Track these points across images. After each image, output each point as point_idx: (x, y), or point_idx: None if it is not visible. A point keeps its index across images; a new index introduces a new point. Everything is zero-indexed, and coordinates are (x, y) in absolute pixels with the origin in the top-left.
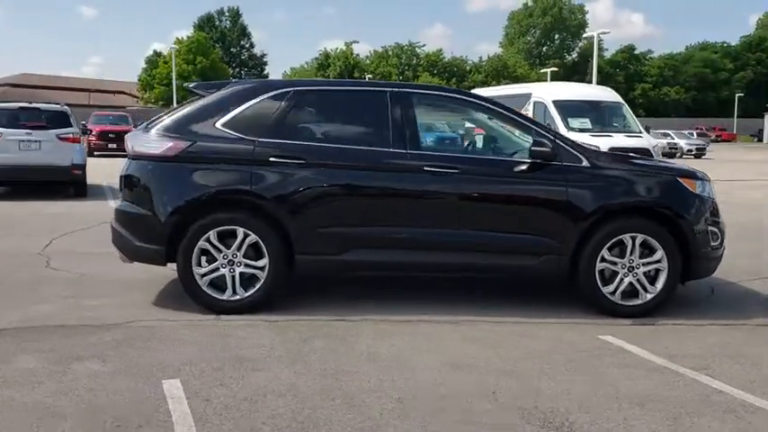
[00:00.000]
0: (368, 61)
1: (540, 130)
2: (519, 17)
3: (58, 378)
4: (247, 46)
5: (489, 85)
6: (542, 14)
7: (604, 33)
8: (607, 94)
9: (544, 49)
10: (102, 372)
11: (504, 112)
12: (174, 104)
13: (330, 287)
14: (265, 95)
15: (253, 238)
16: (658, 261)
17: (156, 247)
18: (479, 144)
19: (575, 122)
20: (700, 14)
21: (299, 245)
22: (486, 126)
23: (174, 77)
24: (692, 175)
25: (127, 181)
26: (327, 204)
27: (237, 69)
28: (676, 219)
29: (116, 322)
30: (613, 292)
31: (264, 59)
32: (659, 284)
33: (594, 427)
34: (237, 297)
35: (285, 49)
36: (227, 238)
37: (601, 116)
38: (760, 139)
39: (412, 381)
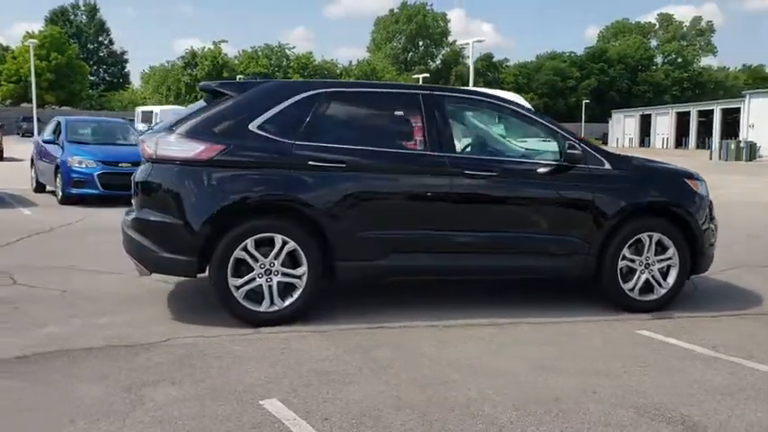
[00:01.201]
0: (236, 61)
1: (566, 134)
2: (385, 23)
3: (141, 406)
4: (106, 42)
5: None
6: (407, 21)
7: (479, 42)
8: (516, 100)
9: (410, 54)
10: (186, 396)
11: (534, 117)
12: (34, 103)
13: (339, 295)
14: (298, 96)
15: (291, 245)
16: (670, 258)
17: (186, 257)
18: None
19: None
20: (543, 26)
21: (339, 251)
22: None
23: (33, 74)
24: (693, 176)
25: (147, 186)
26: (367, 208)
27: (96, 67)
28: (687, 217)
29: (152, 341)
30: (632, 289)
31: (125, 57)
32: (671, 280)
33: (711, 419)
34: (276, 308)
35: (139, 47)
36: (263, 246)
37: None
38: (605, 142)
39: (511, 386)
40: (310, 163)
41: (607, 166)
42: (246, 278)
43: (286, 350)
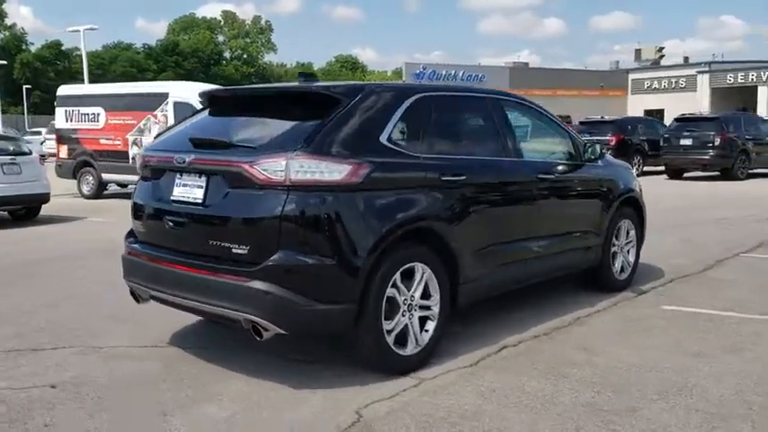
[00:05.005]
0: None
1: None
2: None
3: None
4: None
5: None
6: None
7: (92, 29)
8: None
9: None
10: None
11: (554, 118)
12: None
13: None
14: (407, 102)
15: (427, 273)
16: (632, 240)
17: (346, 306)
18: None
19: None
20: (86, 13)
21: (465, 272)
22: None
23: None
24: (630, 167)
25: (290, 223)
26: (485, 224)
27: None
28: (641, 202)
29: (348, 422)
30: (616, 271)
31: None
32: (632, 258)
33: None
34: (420, 347)
35: None
36: (404, 279)
37: None
38: None
39: (714, 376)
40: (443, 179)
41: (600, 162)
42: (396, 319)
43: (500, 391)
